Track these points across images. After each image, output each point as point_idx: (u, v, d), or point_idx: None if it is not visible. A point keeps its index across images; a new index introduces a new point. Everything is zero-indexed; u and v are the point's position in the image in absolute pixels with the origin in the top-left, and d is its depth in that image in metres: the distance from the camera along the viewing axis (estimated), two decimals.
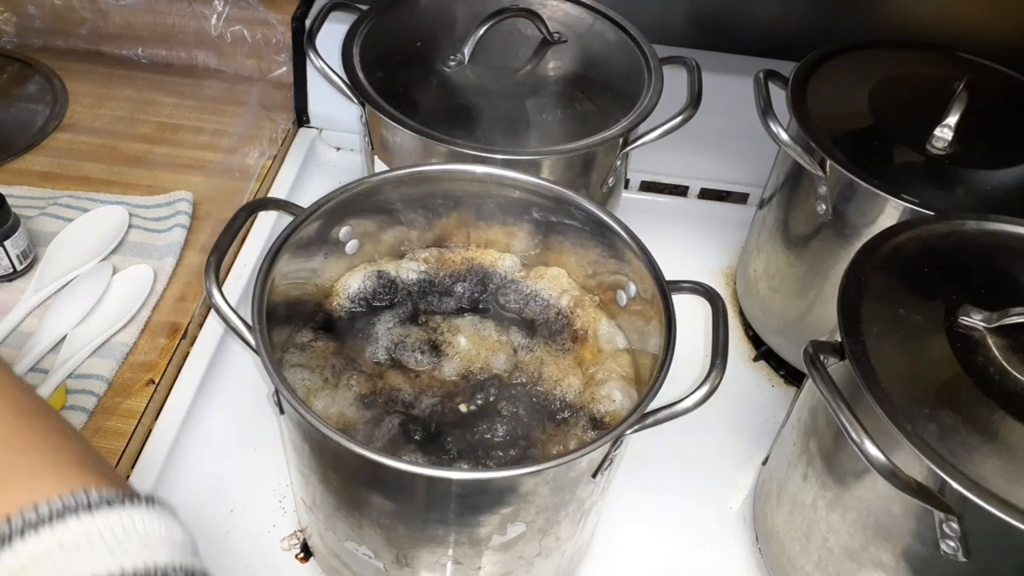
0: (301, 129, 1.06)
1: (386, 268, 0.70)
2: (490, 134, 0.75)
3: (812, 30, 0.96)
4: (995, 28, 0.94)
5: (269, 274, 0.58)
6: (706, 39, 0.98)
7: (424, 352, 0.64)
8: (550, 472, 0.51)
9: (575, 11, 0.89)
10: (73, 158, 0.95)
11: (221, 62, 1.08)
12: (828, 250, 0.76)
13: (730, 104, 0.91)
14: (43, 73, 1.05)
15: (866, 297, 0.58)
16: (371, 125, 0.81)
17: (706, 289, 0.60)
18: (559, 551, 0.61)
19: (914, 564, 0.54)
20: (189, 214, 0.89)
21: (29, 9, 1.05)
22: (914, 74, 0.82)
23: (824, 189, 0.74)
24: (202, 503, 0.72)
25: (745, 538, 0.74)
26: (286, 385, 0.51)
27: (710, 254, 1.00)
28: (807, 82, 0.79)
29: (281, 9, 1.02)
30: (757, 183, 0.98)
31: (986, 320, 0.56)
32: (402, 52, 0.83)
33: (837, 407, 0.51)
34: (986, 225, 0.64)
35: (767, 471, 0.73)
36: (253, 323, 0.54)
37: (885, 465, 0.49)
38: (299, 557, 0.70)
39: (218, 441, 0.76)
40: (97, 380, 0.73)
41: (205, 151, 0.98)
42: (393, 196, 0.67)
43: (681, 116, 0.79)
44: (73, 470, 0.37)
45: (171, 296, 0.82)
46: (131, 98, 1.03)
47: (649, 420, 0.53)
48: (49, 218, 0.86)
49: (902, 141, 0.74)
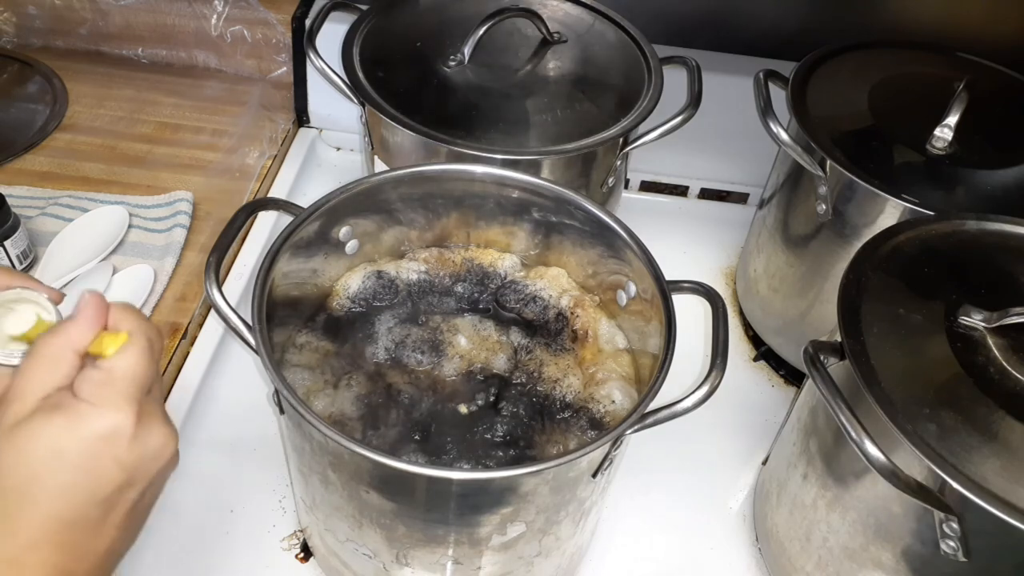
0: (301, 129, 1.06)
1: (386, 268, 0.70)
2: (490, 134, 0.75)
3: (812, 30, 0.96)
4: (995, 28, 0.94)
5: (269, 274, 0.58)
6: (706, 39, 0.98)
7: (424, 352, 0.64)
8: (550, 472, 0.51)
9: (575, 11, 0.89)
10: (73, 158, 0.95)
11: (221, 62, 1.08)
12: (828, 250, 0.76)
13: (730, 104, 0.91)
14: (43, 73, 1.05)
15: (866, 297, 0.58)
16: (371, 125, 0.81)
17: (706, 289, 0.60)
18: (559, 551, 0.61)
19: (914, 564, 0.54)
20: (189, 214, 0.89)
21: (29, 9, 1.05)
22: (914, 74, 0.82)
23: (824, 189, 0.74)
24: (202, 503, 0.72)
25: (745, 538, 0.74)
26: (286, 385, 0.51)
27: (710, 254, 1.00)
28: (807, 82, 0.79)
29: (281, 9, 1.02)
30: (757, 183, 0.98)
31: (986, 320, 0.56)
32: (402, 52, 0.83)
33: (837, 407, 0.51)
34: (986, 225, 0.64)
35: (767, 471, 0.73)
36: (253, 323, 0.54)
37: (885, 465, 0.49)
38: (299, 557, 0.70)
39: (218, 441, 0.76)
40: None
41: (205, 151, 0.98)
42: (393, 196, 0.67)
43: (681, 116, 0.79)
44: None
45: (171, 296, 0.82)
46: (131, 98, 1.03)
47: (649, 420, 0.53)
48: (49, 218, 0.86)
49: (902, 141, 0.74)
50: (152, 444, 0.43)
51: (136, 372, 0.43)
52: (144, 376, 0.43)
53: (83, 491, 0.41)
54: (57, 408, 0.41)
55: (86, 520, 0.41)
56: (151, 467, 0.43)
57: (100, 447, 0.41)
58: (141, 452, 0.42)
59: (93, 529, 0.42)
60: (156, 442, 0.43)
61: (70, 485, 0.40)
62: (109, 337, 0.44)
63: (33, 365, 0.42)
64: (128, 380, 0.42)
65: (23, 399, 0.41)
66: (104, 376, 0.42)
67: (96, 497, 0.41)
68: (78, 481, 0.41)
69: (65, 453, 0.40)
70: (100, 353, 0.43)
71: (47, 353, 0.43)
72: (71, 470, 0.40)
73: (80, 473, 0.41)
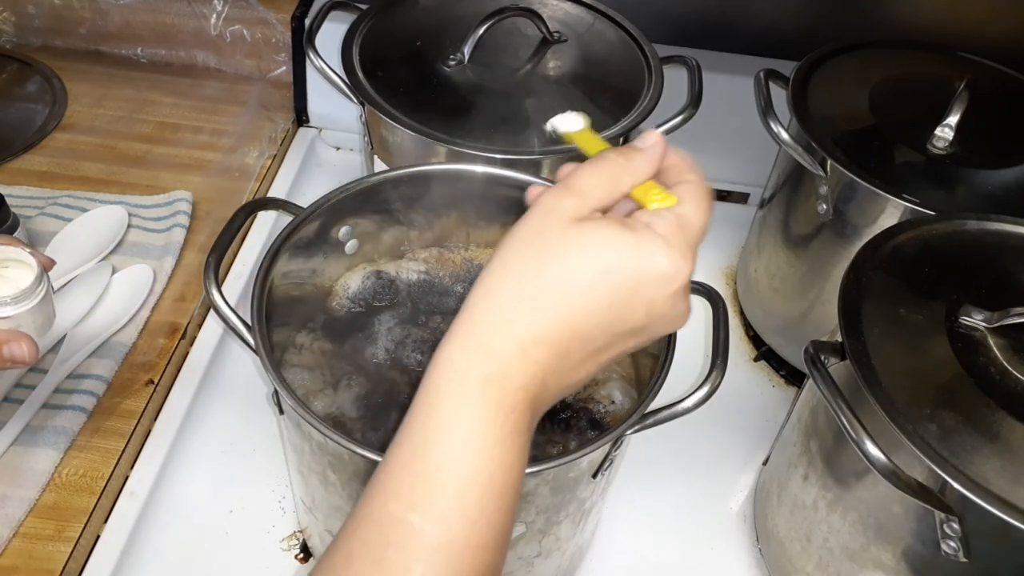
0: (301, 129, 1.06)
1: (386, 268, 0.70)
2: (490, 134, 0.75)
3: (812, 30, 0.96)
4: (995, 28, 0.94)
5: (269, 274, 0.57)
6: (706, 39, 0.98)
7: (424, 352, 0.64)
8: (550, 472, 0.51)
9: (575, 10, 0.89)
10: (72, 158, 0.95)
11: (220, 62, 1.08)
12: (829, 250, 0.76)
13: (730, 104, 0.91)
14: (43, 73, 1.05)
15: (867, 297, 0.58)
16: (371, 125, 0.80)
17: (706, 289, 0.60)
18: (559, 551, 0.61)
19: (915, 565, 0.54)
20: (188, 214, 0.89)
21: (29, 9, 1.05)
22: (915, 74, 0.82)
23: (825, 189, 0.74)
24: (202, 503, 0.72)
25: (745, 538, 0.74)
26: (286, 385, 0.50)
27: (710, 254, 0.99)
28: (808, 82, 0.78)
29: (281, 9, 1.02)
30: (757, 183, 0.98)
31: (987, 320, 0.56)
32: (402, 52, 0.83)
33: (838, 407, 0.51)
34: (987, 225, 0.64)
35: (767, 471, 0.73)
36: (252, 323, 0.54)
37: (886, 465, 0.49)
38: (299, 557, 0.69)
39: (218, 441, 0.76)
40: (96, 380, 0.73)
41: (204, 151, 0.98)
42: (393, 196, 0.67)
43: (681, 116, 0.79)
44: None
45: (170, 296, 0.82)
46: (130, 98, 1.03)
47: (649, 420, 0.52)
48: (48, 218, 0.86)
49: (903, 141, 0.74)
50: (681, 308, 0.41)
51: (704, 229, 0.40)
52: (703, 236, 0.41)
53: (611, 316, 0.39)
54: (630, 228, 0.39)
55: (592, 344, 0.39)
56: (662, 328, 0.41)
57: (650, 284, 0.39)
58: (670, 308, 0.40)
59: (589, 355, 0.40)
60: (684, 307, 0.41)
61: (605, 305, 0.38)
62: (657, 190, 0.41)
63: (597, 171, 0.40)
64: (698, 234, 0.40)
65: (583, 197, 0.40)
66: (680, 221, 0.40)
67: (614, 328, 0.39)
68: (613, 305, 0.39)
69: (620, 272, 0.38)
70: (642, 201, 0.41)
71: (613, 170, 0.41)
72: (614, 291, 0.38)
73: (620, 298, 0.39)
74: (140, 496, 0.70)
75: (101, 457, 0.70)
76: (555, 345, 0.38)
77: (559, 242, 0.39)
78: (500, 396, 0.37)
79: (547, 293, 0.38)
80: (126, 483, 0.70)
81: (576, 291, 0.38)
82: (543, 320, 0.38)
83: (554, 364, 0.39)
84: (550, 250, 0.39)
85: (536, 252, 0.39)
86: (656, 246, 0.39)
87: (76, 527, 0.65)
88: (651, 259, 0.39)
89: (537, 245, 0.39)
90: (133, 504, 0.69)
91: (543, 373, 0.38)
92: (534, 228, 0.40)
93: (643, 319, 0.40)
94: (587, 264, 0.38)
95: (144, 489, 0.70)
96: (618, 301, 0.39)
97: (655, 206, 0.41)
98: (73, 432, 0.70)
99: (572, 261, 0.38)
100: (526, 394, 0.38)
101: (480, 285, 0.40)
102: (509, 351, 0.38)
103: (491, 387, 0.37)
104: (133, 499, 0.70)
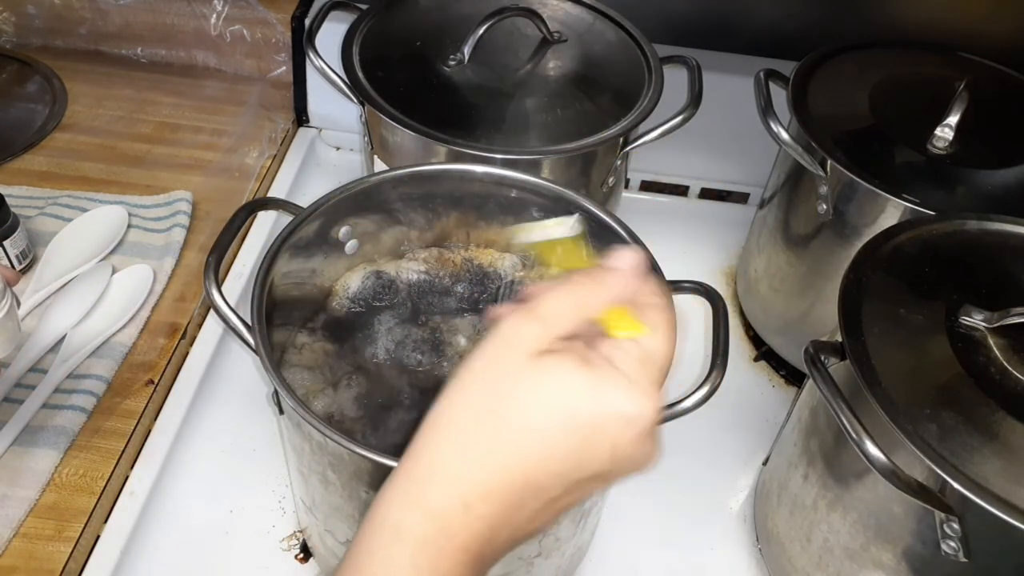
0: (301, 129, 1.06)
1: (386, 268, 0.70)
2: (490, 134, 0.75)
3: (812, 30, 0.96)
4: (995, 28, 0.94)
5: (268, 274, 0.57)
6: (706, 39, 0.98)
7: (424, 352, 0.64)
8: None
9: (575, 10, 0.89)
10: (72, 158, 0.95)
11: (220, 62, 1.08)
12: (829, 250, 0.76)
13: (730, 104, 0.91)
14: (43, 73, 1.05)
15: (867, 297, 0.58)
16: (371, 125, 0.80)
17: (706, 289, 0.60)
18: (559, 551, 0.61)
19: (915, 565, 0.54)
20: (188, 214, 0.89)
21: (29, 9, 1.05)
22: (915, 74, 0.82)
23: (825, 189, 0.74)
24: (202, 503, 0.72)
25: (745, 539, 0.74)
26: (286, 385, 0.50)
27: (710, 254, 1.00)
28: (808, 82, 0.78)
29: (281, 9, 1.02)
30: (758, 183, 0.98)
31: (987, 320, 0.56)
32: (402, 52, 0.82)
33: (838, 407, 0.51)
34: (987, 225, 0.64)
35: (767, 471, 0.73)
36: (252, 323, 0.54)
37: (886, 465, 0.49)
38: (299, 557, 0.69)
39: (218, 441, 0.76)
40: (96, 380, 0.73)
41: (204, 151, 0.98)
42: (393, 196, 0.67)
43: (681, 116, 0.79)
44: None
45: (170, 296, 0.82)
46: (130, 98, 1.03)
47: None
48: (48, 218, 0.86)
49: (903, 141, 0.74)
50: (647, 449, 0.37)
51: (669, 361, 0.38)
52: (668, 369, 0.38)
53: (568, 464, 0.36)
54: (590, 366, 0.36)
55: (549, 493, 0.36)
56: (628, 470, 0.37)
57: (612, 427, 0.35)
58: (635, 450, 0.36)
59: (547, 504, 0.36)
60: (651, 448, 0.37)
61: (562, 452, 0.35)
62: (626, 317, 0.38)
63: (563, 296, 0.37)
64: (664, 368, 0.37)
65: (545, 325, 0.36)
66: (644, 355, 0.37)
67: (573, 476, 0.36)
68: (571, 451, 0.35)
69: (578, 416, 0.35)
70: (608, 326, 0.38)
71: (580, 294, 0.37)
72: (572, 436, 0.35)
73: (578, 443, 0.35)
74: (140, 496, 0.70)
75: (101, 457, 0.70)
76: (506, 496, 0.35)
77: (513, 381, 0.36)
78: (436, 560, 0.34)
79: (498, 440, 0.35)
80: (126, 483, 0.70)
81: (530, 438, 0.35)
82: (492, 470, 0.35)
83: (505, 516, 0.35)
84: (503, 390, 0.36)
85: (489, 390, 0.36)
86: (617, 386, 0.36)
87: (76, 527, 0.65)
88: (612, 401, 0.35)
89: (492, 379, 0.36)
90: (133, 504, 0.69)
91: (490, 529, 0.35)
92: (490, 358, 0.37)
93: (606, 464, 0.36)
94: (542, 408, 0.35)
95: (144, 489, 0.70)
96: (576, 447, 0.35)
97: (622, 335, 0.38)
98: (73, 432, 0.70)
99: (526, 405, 0.35)
100: (467, 554, 0.35)
101: (428, 421, 0.37)
102: (450, 507, 0.35)
103: (426, 550, 0.34)
104: (133, 499, 0.70)
